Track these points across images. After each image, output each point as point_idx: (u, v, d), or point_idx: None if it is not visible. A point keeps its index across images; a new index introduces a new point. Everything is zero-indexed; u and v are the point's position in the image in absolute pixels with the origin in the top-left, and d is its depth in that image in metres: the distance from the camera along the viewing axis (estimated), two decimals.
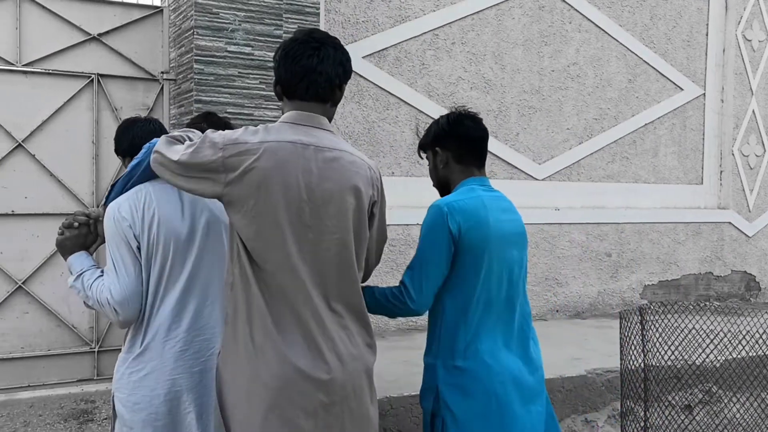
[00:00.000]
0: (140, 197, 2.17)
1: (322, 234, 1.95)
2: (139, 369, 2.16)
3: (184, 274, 2.18)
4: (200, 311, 2.20)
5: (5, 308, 4.17)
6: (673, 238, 6.76)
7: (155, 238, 2.14)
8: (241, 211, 1.90)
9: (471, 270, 2.17)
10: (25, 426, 3.89)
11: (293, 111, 2.00)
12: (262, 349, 1.90)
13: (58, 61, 4.26)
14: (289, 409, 1.89)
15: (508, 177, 5.92)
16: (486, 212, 2.19)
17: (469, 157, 2.32)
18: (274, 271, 1.91)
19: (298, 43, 1.99)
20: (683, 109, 6.86)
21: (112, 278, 2.13)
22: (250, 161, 1.88)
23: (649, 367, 3.10)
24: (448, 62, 5.61)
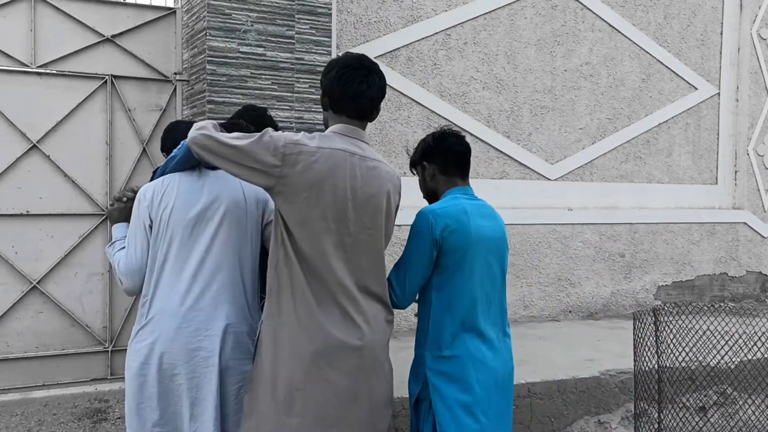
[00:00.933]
0: (164, 184, 2.48)
1: (360, 229, 2.32)
2: (143, 339, 2.40)
3: (193, 258, 2.43)
4: (203, 294, 2.42)
5: (20, 308, 4.20)
6: (688, 238, 6.71)
7: (166, 221, 2.42)
8: (291, 201, 2.23)
9: (455, 270, 2.43)
10: (39, 425, 3.91)
11: (341, 124, 2.39)
12: (304, 321, 2.25)
13: (72, 62, 4.29)
14: (327, 369, 2.25)
15: (521, 177, 5.90)
16: (467, 218, 2.46)
17: (452, 169, 2.62)
18: (315, 256, 2.25)
19: (351, 70, 2.36)
20: (697, 109, 6.81)
21: (124, 252, 2.45)
22: (308, 162, 2.23)
23: (663, 369, 3.08)
24: (460, 62, 5.60)
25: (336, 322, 2.28)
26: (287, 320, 2.27)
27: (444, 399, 2.41)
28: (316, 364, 2.25)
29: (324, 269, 2.26)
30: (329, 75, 2.40)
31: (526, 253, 5.86)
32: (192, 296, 2.40)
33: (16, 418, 3.96)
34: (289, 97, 4.34)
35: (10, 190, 4.16)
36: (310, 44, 4.39)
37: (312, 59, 4.40)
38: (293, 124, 4.35)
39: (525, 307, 5.88)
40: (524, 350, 4.79)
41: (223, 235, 2.47)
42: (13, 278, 4.18)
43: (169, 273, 2.41)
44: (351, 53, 2.46)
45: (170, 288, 2.41)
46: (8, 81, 4.14)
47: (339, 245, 2.29)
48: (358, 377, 2.32)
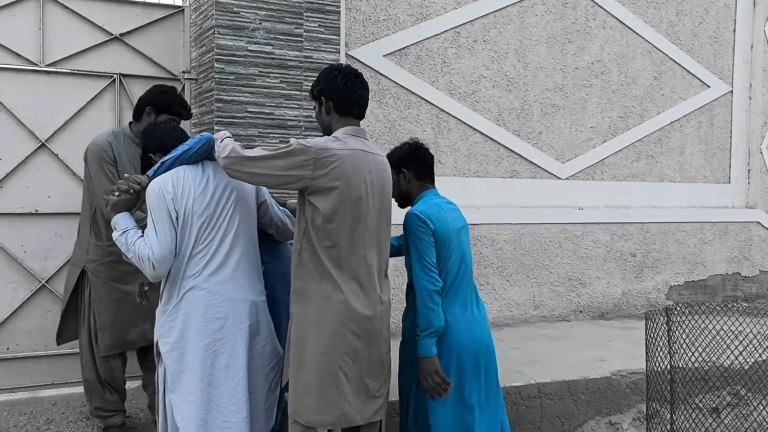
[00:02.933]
0: (180, 176, 2.75)
1: (377, 214, 2.75)
2: (176, 317, 2.75)
3: (213, 243, 2.76)
4: (229, 271, 2.78)
5: (29, 307, 4.21)
6: (700, 237, 6.64)
7: (190, 211, 2.72)
8: (324, 197, 2.61)
9: (441, 256, 2.89)
10: (48, 424, 3.91)
11: (350, 126, 2.77)
12: (329, 296, 2.65)
13: (81, 61, 4.29)
14: (348, 334, 2.67)
15: (531, 176, 5.85)
16: (444, 214, 2.95)
17: (425, 175, 3.08)
18: (344, 242, 2.65)
19: (352, 77, 2.78)
20: (710, 107, 6.74)
21: (153, 240, 2.67)
22: (336, 163, 2.62)
23: (675, 369, 3.04)
24: (470, 60, 5.57)
25: (356, 296, 2.68)
26: (314, 298, 2.66)
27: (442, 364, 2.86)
28: (339, 332, 2.66)
29: (350, 252, 2.66)
30: (335, 82, 2.76)
31: (537, 253, 5.81)
32: (214, 278, 2.76)
33: (25, 417, 3.97)
34: (298, 95, 4.32)
35: (19, 189, 4.17)
36: (319, 42, 4.37)
37: (321, 57, 4.38)
38: (301, 123, 4.33)
39: (535, 306, 5.83)
40: (534, 350, 4.75)
41: (238, 217, 2.83)
42: (22, 277, 4.19)
43: (197, 256, 2.74)
44: (340, 63, 2.95)
45: (196, 270, 2.74)
46: (17, 80, 4.15)
47: (364, 230, 2.70)
48: (371, 340, 2.75)
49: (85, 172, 3.72)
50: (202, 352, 2.76)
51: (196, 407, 2.75)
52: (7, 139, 4.14)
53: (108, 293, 3.62)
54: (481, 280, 5.54)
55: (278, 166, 2.60)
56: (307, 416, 2.67)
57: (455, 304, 2.94)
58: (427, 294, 2.83)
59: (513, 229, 5.68)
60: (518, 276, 5.73)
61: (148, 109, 3.61)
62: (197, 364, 2.76)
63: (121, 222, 2.78)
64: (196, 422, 2.75)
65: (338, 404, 2.68)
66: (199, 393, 2.76)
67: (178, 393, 2.78)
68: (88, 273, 3.64)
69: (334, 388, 2.67)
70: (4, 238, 4.15)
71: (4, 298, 4.16)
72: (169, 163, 2.79)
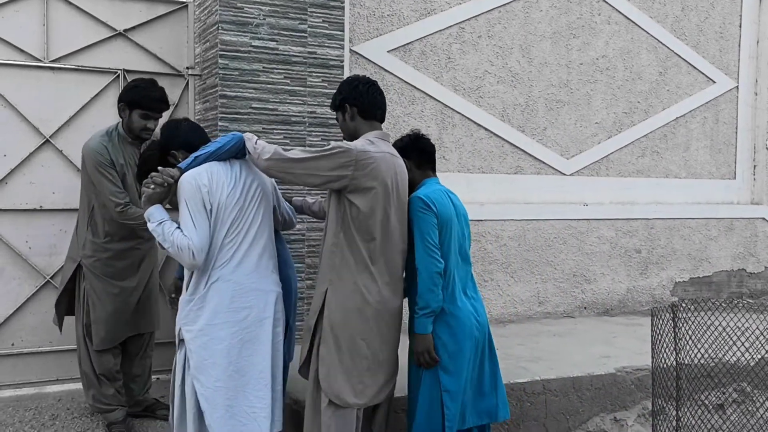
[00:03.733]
0: (214, 171, 2.88)
1: (401, 212, 3.01)
2: (202, 306, 2.86)
3: (240, 236, 2.90)
4: (255, 263, 2.93)
5: (34, 303, 4.22)
6: (705, 234, 6.62)
7: (223, 204, 2.85)
8: (364, 194, 2.86)
9: (445, 238, 3.01)
10: (53, 419, 3.92)
11: (378, 131, 3.05)
12: (367, 286, 2.90)
13: (85, 57, 4.28)
14: (382, 322, 2.95)
15: (535, 172, 5.84)
16: (447, 199, 3.10)
17: (426, 164, 3.24)
18: (378, 235, 2.90)
19: (371, 85, 3.07)
20: (715, 103, 6.71)
21: (191, 230, 2.78)
22: (373, 165, 2.87)
23: (681, 366, 3.03)
24: (474, 56, 5.55)
25: (388, 286, 2.96)
26: (351, 287, 2.89)
27: (444, 345, 3.00)
28: (375, 319, 2.92)
29: (384, 246, 2.93)
30: (357, 89, 3.02)
31: (541, 249, 5.80)
32: (242, 269, 2.89)
33: (30, 412, 3.97)
34: (302, 91, 4.31)
35: (24, 185, 4.17)
36: (323, 38, 4.36)
37: (325, 53, 4.37)
38: (305, 119, 4.32)
39: (540, 303, 5.82)
40: (539, 347, 4.74)
41: (262, 212, 2.99)
42: (26, 273, 4.19)
43: (226, 248, 2.87)
44: (357, 75, 3.19)
45: (225, 260, 2.87)
46: (21, 76, 4.14)
47: (395, 225, 2.96)
48: (394, 325, 3.03)
49: (82, 172, 3.74)
50: (229, 341, 2.87)
51: (223, 393, 2.86)
52: (12, 135, 4.14)
53: (103, 288, 3.66)
54: (486, 276, 5.53)
55: (322, 167, 2.83)
56: (345, 396, 2.90)
57: (457, 286, 3.07)
58: (429, 275, 2.94)
59: (517, 225, 5.67)
60: (522, 272, 5.71)
61: (121, 105, 3.64)
62: (224, 352, 2.86)
63: (156, 213, 2.87)
64: (222, 407, 2.87)
65: (371, 386, 2.95)
66: (226, 379, 2.86)
67: (203, 379, 2.87)
68: (84, 268, 3.67)
69: (369, 372, 2.93)
70: (8, 235, 4.15)
71: (9, 294, 4.16)
72: (202, 158, 2.92)
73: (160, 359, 4.45)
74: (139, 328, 3.84)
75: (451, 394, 3.01)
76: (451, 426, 3.00)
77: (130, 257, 3.72)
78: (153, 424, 3.93)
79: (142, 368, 3.94)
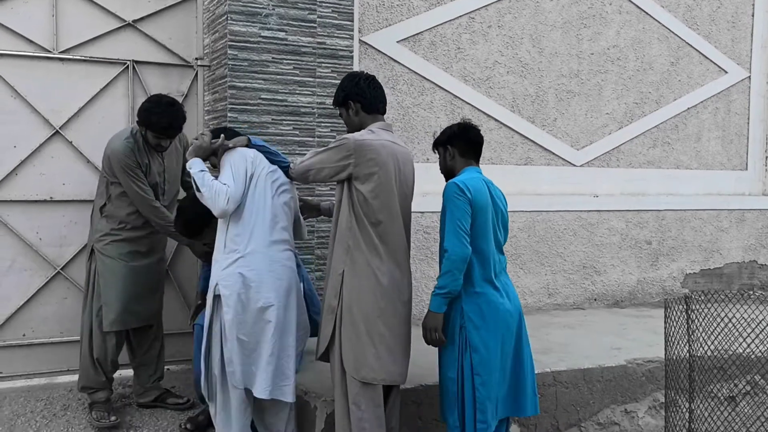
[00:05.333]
0: (259, 156, 3.28)
1: (406, 195, 3.20)
2: (246, 265, 3.11)
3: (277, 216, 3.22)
4: (280, 236, 3.21)
5: (45, 294, 4.23)
6: (716, 225, 6.57)
7: (264, 176, 3.20)
8: (367, 180, 3.02)
9: (481, 224, 3.06)
10: (64, 410, 3.94)
11: (379, 122, 3.22)
12: (378, 266, 3.05)
13: (94, 48, 4.28)
14: (395, 301, 3.10)
15: (545, 163, 5.80)
16: (484, 186, 3.13)
17: (470, 153, 3.27)
18: (384, 218, 3.05)
19: (371, 79, 3.23)
20: (727, 93, 6.65)
21: (230, 180, 3.09)
22: (373, 152, 3.04)
23: (694, 358, 3.01)
24: (484, 46, 5.51)
25: (398, 267, 3.11)
26: (365, 269, 3.04)
27: (477, 327, 3.04)
28: (388, 298, 3.06)
29: (392, 228, 3.08)
30: (359, 85, 3.18)
31: (551, 241, 5.78)
32: (275, 239, 3.18)
33: (41, 402, 3.99)
34: (311, 82, 4.29)
35: (34, 176, 4.18)
36: (332, 28, 4.34)
37: (334, 43, 4.35)
38: (315, 110, 4.30)
39: (549, 294, 5.80)
40: (549, 338, 4.73)
41: (283, 195, 3.28)
42: (37, 264, 4.21)
43: (261, 221, 3.16)
44: (355, 71, 3.42)
45: (260, 233, 3.14)
46: (31, 67, 4.15)
47: (398, 209, 3.11)
48: (408, 304, 3.17)
49: (103, 169, 3.84)
50: (273, 303, 3.13)
51: (267, 353, 3.12)
52: (22, 126, 4.14)
53: (114, 269, 3.75)
54: None
55: (327, 160, 3.07)
56: (364, 373, 3.02)
57: (491, 273, 3.10)
58: (455, 258, 2.98)
59: (527, 216, 5.64)
60: (532, 264, 5.69)
61: (137, 121, 3.78)
62: (272, 314, 3.13)
63: (198, 163, 3.18)
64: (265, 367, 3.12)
65: (390, 363, 3.07)
66: (272, 342, 3.12)
67: (244, 337, 3.11)
68: (95, 251, 3.79)
69: (387, 349, 3.06)
70: (19, 226, 4.16)
71: (20, 285, 4.18)
72: (253, 144, 3.30)
73: (170, 350, 4.47)
74: (147, 319, 3.92)
75: (482, 378, 3.01)
76: (483, 409, 3.00)
77: (139, 244, 3.85)
78: (164, 414, 3.94)
79: (150, 358, 4.00)
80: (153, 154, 3.84)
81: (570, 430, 4.03)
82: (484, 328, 3.03)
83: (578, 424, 4.05)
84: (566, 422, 4.02)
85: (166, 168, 3.92)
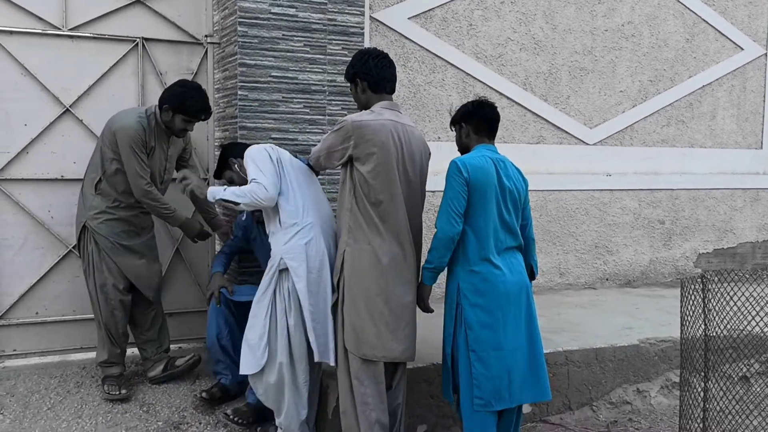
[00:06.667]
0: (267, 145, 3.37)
1: (412, 175, 3.16)
2: (306, 236, 3.23)
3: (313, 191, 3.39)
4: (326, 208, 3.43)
5: (57, 272, 4.24)
6: (730, 204, 6.51)
7: (288, 163, 3.33)
8: (367, 162, 3.04)
9: (480, 203, 3.04)
10: (78, 387, 3.97)
11: (384, 101, 3.21)
12: (379, 245, 3.07)
13: (103, 25, 4.25)
14: (393, 277, 3.09)
15: (558, 142, 5.75)
16: (489, 164, 3.08)
17: (484, 131, 3.24)
18: (385, 198, 3.05)
19: (381, 58, 3.21)
20: (743, 70, 6.55)
21: (258, 174, 3.18)
22: (372, 133, 3.04)
23: (710, 338, 2.98)
24: (496, 22, 5.44)
25: (399, 244, 3.09)
26: (366, 248, 3.06)
27: (473, 306, 3.04)
28: (389, 277, 3.07)
29: (393, 207, 3.07)
30: (368, 64, 3.17)
31: (563, 220, 5.74)
32: (324, 211, 3.38)
33: (55, 380, 4.02)
34: (322, 59, 4.25)
35: (45, 154, 4.17)
36: (343, 5, 4.28)
37: (345, 20, 4.29)
38: (325, 87, 4.26)
39: (561, 274, 5.77)
40: (561, 318, 4.71)
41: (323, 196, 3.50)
42: (49, 243, 4.22)
43: (310, 195, 3.32)
44: (369, 47, 3.39)
45: (312, 205, 3.30)
46: (40, 44, 4.12)
47: (400, 188, 3.09)
48: (408, 284, 3.15)
49: (102, 139, 3.82)
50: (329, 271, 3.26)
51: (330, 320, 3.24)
52: (32, 104, 4.13)
53: (111, 248, 3.80)
54: None
55: (332, 145, 3.12)
56: (365, 350, 3.06)
57: (490, 250, 3.07)
58: (442, 237, 3.03)
59: (539, 195, 5.60)
60: (544, 243, 5.66)
61: (165, 106, 3.76)
62: (326, 284, 3.24)
63: (216, 191, 3.27)
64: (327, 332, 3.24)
65: (389, 340, 3.08)
66: (326, 312, 3.24)
67: (311, 307, 3.21)
68: (89, 229, 3.82)
69: (388, 327, 3.07)
70: (31, 204, 4.16)
71: (33, 264, 4.19)
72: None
73: (182, 328, 4.49)
74: (150, 291, 3.98)
75: (478, 355, 3.00)
76: (479, 385, 2.99)
77: (132, 223, 3.88)
78: (176, 392, 3.96)
79: (153, 334, 4.07)
80: (161, 139, 3.84)
81: (582, 409, 4.03)
82: (480, 306, 3.02)
83: (590, 404, 4.05)
84: (578, 401, 4.01)
85: (169, 156, 3.94)
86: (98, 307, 3.85)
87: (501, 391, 3.00)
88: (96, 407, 3.76)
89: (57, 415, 3.68)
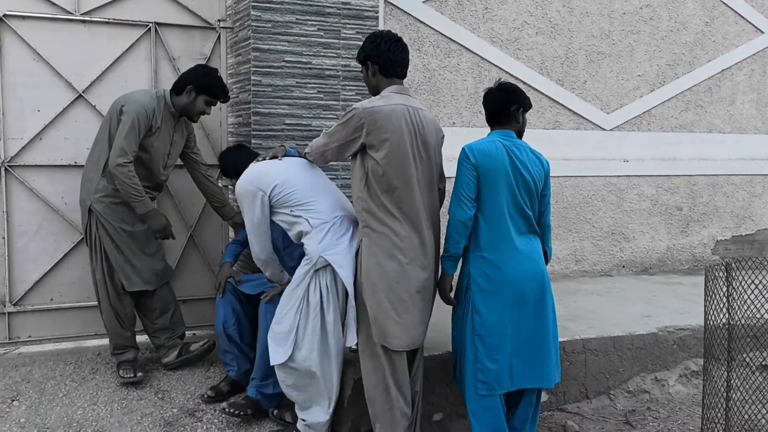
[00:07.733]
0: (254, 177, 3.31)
1: (428, 160, 3.11)
2: (340, 230, 3.21)
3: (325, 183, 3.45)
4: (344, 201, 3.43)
5: (71, 259, 4.24)
6: (749, 191, 6.41)
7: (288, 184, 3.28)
8: (380, 149, 2.98)
9: (490, 189, 3.04)
10: (93, 373, 3.97)
11: (395, 85, 3.15)
12: (395, 232, 3.01)
13: (116, 9, 4.21)
14: (415, 266, 3.05)
15: (575, 127, 5.67)
16: (501, 150, 3.07)
17: (495, 117, 3.23)
18: (399, 184, 3.00)
19: (393, 42, 3.14)
20: (763, 54, 6.43)
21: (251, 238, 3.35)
22: (383, 118, 2.98)
23: (733, 326, 2.93)
24: (512, 6, 5.35)
25: (415, 230, 3.04)
26: (382, 235, 3.02)
27: (481, 290, 3.06)
28: (407, 263, 3.03)
29: (408, 193, 3.02)
30: (379, 47, 3.11)
31: (579, 206, 5.67)
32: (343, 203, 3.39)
33: (70, 366, 4.03)
34: (336, 44, 4.20)
35: (58, 140, 4.15)
36: None
37: (359, 4, 4.23)
38: (339, 72, 4.21)
39: (577, 261, 5.72)
40: (577, 305, 4.66)
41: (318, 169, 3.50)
42: (63, 229, 4.21)
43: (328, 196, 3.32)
44: (382, 30, 3.31)
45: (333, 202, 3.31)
46: (53, 29, 4.09)
47: (416, 175, 3.04)
48: (426, 271, 3.11)
49: (109, 118, 3.79)
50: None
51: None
52: (45, 90, 4.10)
53: (114, 232, 3.79)
54: None
55: (343, 137, 3.06)
56: (390, 339, 3.03)
57: (501, 236, 3.07)
58: (454, 222, 3.05)
59: (555, 182, 5.53)
60: (559, 230, 5.60)
61: (189, 87, 3.78)
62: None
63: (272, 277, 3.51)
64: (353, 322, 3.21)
65: (412, 328, 3.07)
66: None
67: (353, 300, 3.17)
68: (95, 213, 3.79)
69: (408, 314, 3.06)
70: (45, 191, 4.15)
71: (47, 250, 4.19)
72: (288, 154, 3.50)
73: (195, 315, 4.48)
74: (153, 283, 3.93)
75: (483, 339, 3.04)
76: (483, 369, 3.02)
77: None
78: (191, 378, 3.96)
79: (164, 322, 4.04)
80: (167, 123, 3.82)
81: (599, 398, 3.99)
82: (489, 291, 3.04)
83: (607, 392, 4.01)
84: (595, 390, 3.97)
85: (173, 141, 3.91)
86: (105, 290, 3.83)
87: (502, 375, 3.04)
88: (111, 393, 3.76)
89: (72, 401, 3.68)
